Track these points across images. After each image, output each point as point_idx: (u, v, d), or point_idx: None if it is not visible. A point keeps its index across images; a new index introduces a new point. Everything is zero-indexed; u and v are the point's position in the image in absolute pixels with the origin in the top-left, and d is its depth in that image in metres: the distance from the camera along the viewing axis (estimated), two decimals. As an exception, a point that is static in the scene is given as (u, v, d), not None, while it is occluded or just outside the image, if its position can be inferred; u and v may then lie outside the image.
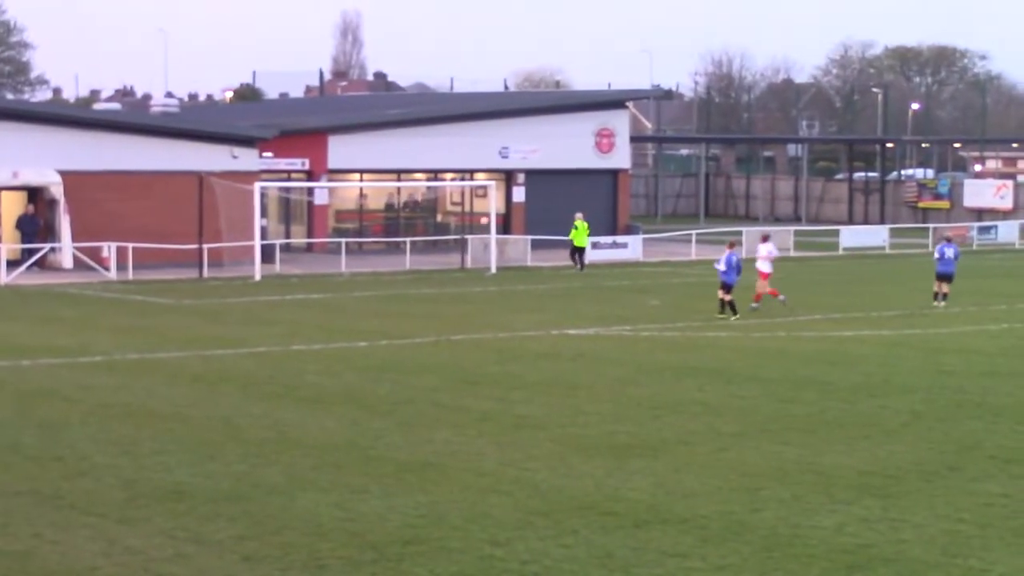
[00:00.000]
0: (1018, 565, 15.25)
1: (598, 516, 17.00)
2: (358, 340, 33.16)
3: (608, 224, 68.10)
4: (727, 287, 37.75)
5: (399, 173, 65.21)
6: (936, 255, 42.15)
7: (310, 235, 62.54)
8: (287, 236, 61.12)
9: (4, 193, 52.59)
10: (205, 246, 51.12)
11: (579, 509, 17.30)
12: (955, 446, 21.23)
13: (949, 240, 42.71)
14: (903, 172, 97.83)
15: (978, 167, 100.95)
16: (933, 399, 25.34)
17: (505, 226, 64.88)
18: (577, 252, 56.11)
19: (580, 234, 56.19)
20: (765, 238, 41.51)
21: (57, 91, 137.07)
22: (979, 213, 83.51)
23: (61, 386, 26.25)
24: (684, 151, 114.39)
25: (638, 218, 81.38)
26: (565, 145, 68.05)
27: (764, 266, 39.79)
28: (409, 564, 15.13)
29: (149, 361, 29.71)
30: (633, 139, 78.52)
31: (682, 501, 17.75)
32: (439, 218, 67.53)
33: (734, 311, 37.56)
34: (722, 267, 37.77)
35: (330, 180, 62.85)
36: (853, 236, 69.65)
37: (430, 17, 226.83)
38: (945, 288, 41.18)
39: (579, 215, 56.92)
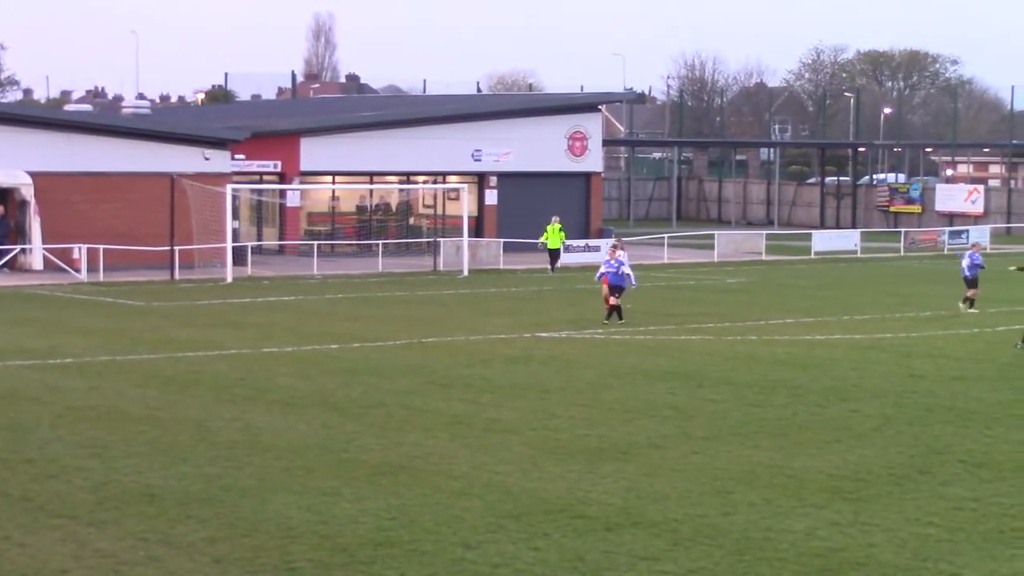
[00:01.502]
0: (988, 569, 15.30)
1: (569, 519, 17.00)
2: (330, 343, 33.11)
3: (580, 227, 68.17)
4: (621, 291, 37.56)
5: (371, 176, 65.16)
6: None
7: (282, 237, 62.42)
8: (259, 238, 61.01)
9: (-25, 195, 52.44)
10: (176, 248, 51.00)
11: (550, 512, 17.30)
12: (925, 450, 21.29)
13: (972, 247, 43.27)
14: (875, 176, 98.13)
15: (949, 172, 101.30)
16: (903, 403, 25.41)
17: (477, 229, 64.91)
18: (551, 254, 56.24)
19: (552, 236, 56.24)
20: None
21: (28, 92, 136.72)
22: (950, 218, 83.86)
23: (31, 388, 26.14)
24: (656, 154, 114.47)
25: (610, 221, 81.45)
26: (537, 148, 68.10)
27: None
28: (380, 567, 15.11)
29: (120, 363, 29.61)
30: (605, 142, 78.60)
31: (653, 505, 17.77)
32: (411, 221, 67.48)
33: (620, 316, 37.35)
34: (627, 271, 37.41)
35: (302, 182, 62.77)
36: (825, 240, 69.81)
37: (403, 20, 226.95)
38: (969, 293, 41.31)
39: (555, 218, 57.03)
